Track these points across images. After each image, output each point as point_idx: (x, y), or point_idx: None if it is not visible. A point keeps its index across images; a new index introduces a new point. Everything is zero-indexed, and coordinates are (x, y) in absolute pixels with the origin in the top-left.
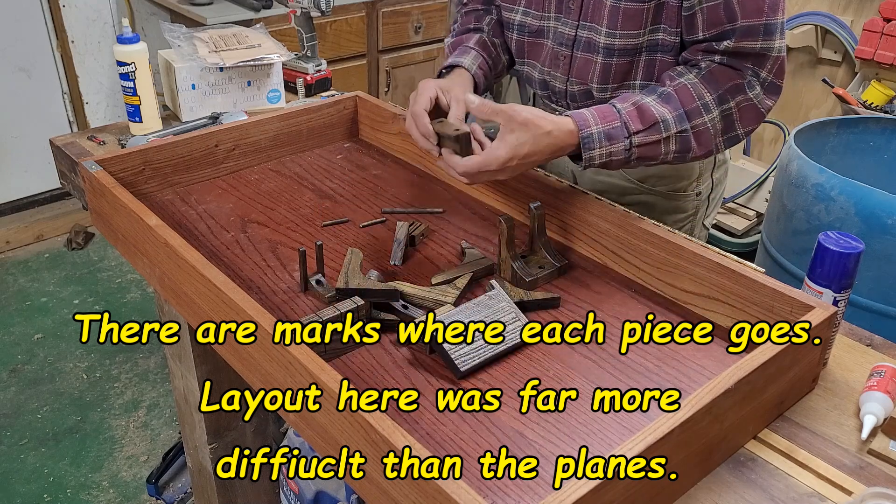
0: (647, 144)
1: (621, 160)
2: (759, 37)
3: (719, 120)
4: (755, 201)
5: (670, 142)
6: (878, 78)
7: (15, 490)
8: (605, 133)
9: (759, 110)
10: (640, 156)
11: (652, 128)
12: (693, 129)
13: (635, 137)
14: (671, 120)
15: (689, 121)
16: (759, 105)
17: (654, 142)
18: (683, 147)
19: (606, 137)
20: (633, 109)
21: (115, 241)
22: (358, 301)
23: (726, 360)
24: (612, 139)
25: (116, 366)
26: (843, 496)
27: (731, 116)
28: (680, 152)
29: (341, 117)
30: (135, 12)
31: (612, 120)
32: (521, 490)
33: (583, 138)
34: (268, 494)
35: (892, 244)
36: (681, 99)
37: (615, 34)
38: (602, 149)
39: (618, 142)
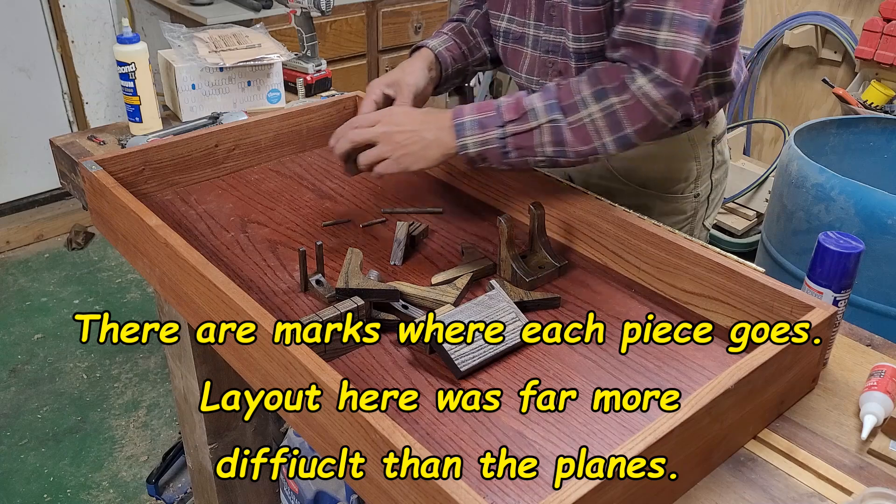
0: (519, 134)
1: (496, 150)
2: (644, 23)
3: (601, 117)
4: (755, 201)
5: (542, 132)
6: (878, 78)
7: (15, 490)
8: (478, 121)
9: (644, 107)
10: (515, 146)
11: (523, 117)
12: (569, 123)
13: (508, 126)
14: (540, 108)
15: (563, 113)
16: (643, 100)
17: (525, 131)
18: (557, 139)
19: (479, 125)
20: (513, 101)
21: (115, 241)
22: (358, 301)
23: (726, 360)
24: (484, 127)
25: (116, 366)
26: (843, 496)
27: (614, 114)
28: (556, 145)
29: (341, 117)
30: (135, 12)
31: (488, 110)
32: (521, 490)
33: (455, 125)
34: (268, 494)
35: (892, 244)
36: (560, 93)
37: (580, 38)
38: (474, 136)
39: (490, 130)
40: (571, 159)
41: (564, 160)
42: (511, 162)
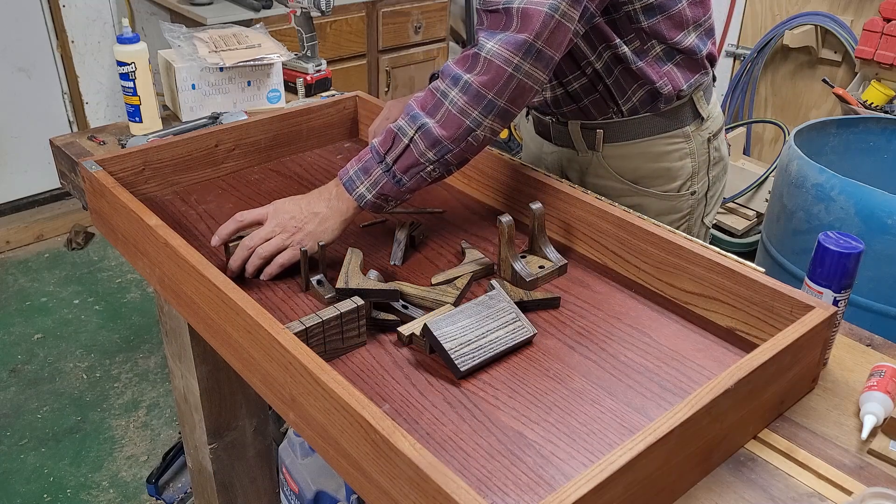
0: (400, 157)
1: (390, 184)
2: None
3: (460, 97)
4: (755, 201)
5: (417, 143)
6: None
7: (15, 490)
8: (361, 168)
9: (497, 66)
10: (402, 169)
11: (395, 140)
12: (437, 120)
13: (388, 157)
14: (405, 124)
15: (429, 116)
16: (495, 60)
17: (402, 151)
18: (431, 140)
19: (363, 171)
20: (383, 134)
21: (115, 241)
22: (358, 301)
23: (726, 360)
24: (368, 171)
25: (116, 366)
26: (843, 496)
27: (471, 87)
28: (433, 146)
29: (341, 117)
30: (135, 12)
31: (365, 155)
32: (521, 490)
33: (344, 183)
34: (268, 494)
35: (892, 244)
36: (422, 101)
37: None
38: (365, 184)
39: (374, 169)
40: (455, 151)
41: (450, 156)
42: (409, 186)
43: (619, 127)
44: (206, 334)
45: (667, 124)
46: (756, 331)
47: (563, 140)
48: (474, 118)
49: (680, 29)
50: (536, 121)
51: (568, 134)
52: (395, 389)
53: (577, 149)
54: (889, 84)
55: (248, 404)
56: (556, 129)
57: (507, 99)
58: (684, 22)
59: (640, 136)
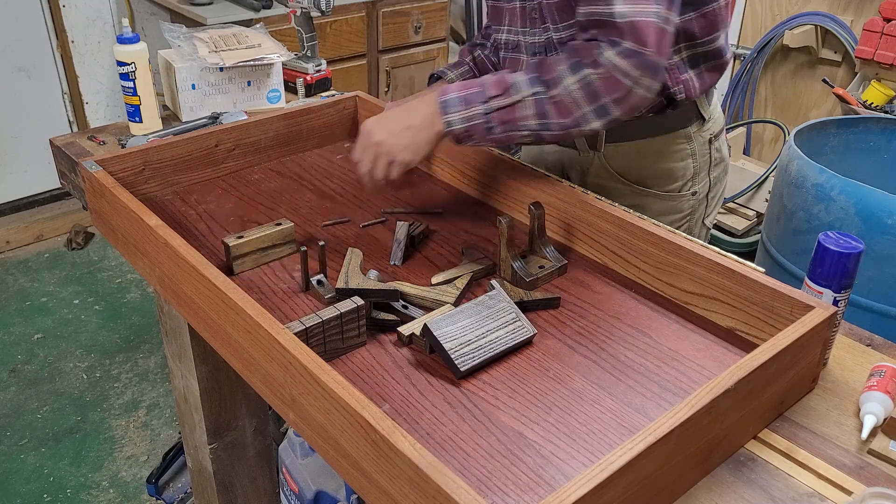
0: (503, 108)
1: (481, 126)
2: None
3: (578, 89)
4: (755, 201)
5: (525, 106)
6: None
7: (15, 490)
8: (462, 98)
9: (616, 78)
10: (500, 121)
11: (507, 91)
12: (551, 97)
13: (492, 102)
14: (523, 82)
15: (545, 87)
16: (614, 72)
17: (509, 105)
18: (540, 111)
19: (464, 101)
20: (497, 78)
21: (115, 241)
22: (358, 301)
23: (726, 360)
24: (469, 103)
25: (116, 366)
26: (843, 496)
27: (591, 85)
28: (539, 118)
29: (341, 117)
30: (135, 12)
31: (473, 87)
32: (521, 490)
33: (440, 104)
34: (268, 494)
35: (892, 244)
36: (541, 67)
37: (560, 28)
38: (459, 113)
39: (474, 105)
40: (555, 132)
41: (548, 133)
42: (496, 137)
43: (621, 127)
44: (206, 334)
45: (669, 125)
46: (756, 331)
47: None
48: (584, 114)
49: (714, 30)
50: None
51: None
52: (395, 389)
53: (578, 148)
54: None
55: (248, 404)
56: None
57: (619, 105)
58: (719, 22)
59: (641, 136)
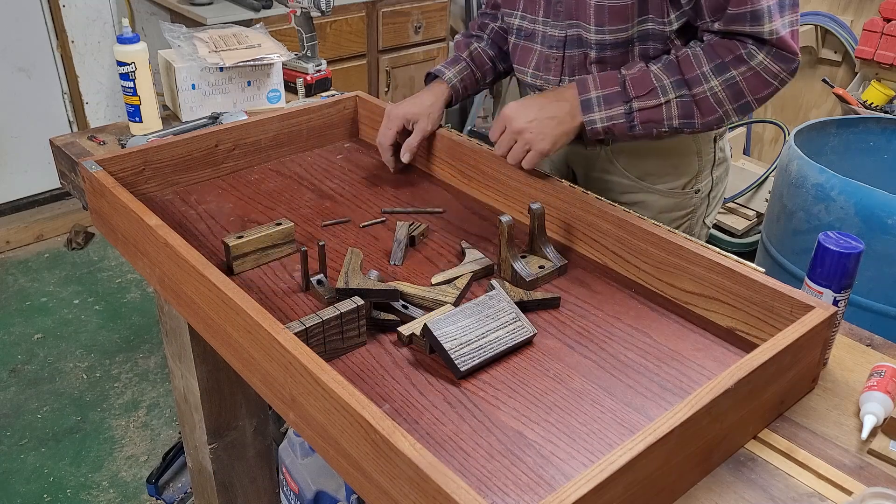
0: (647, 109)
1: (623, 125)
2: (745, 23)
3: (721, 89)
4: (755, 201)
5: (671, 107)
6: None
7: (15, 490)
8: (604, 97)
9: (764, 78)
10: (642, 120)
11: (650, 93)
12: (694, 96)
13: (635, 102)
14: (668, 85)
15: (688, 88)
16: (763, 73)
17: (653, 106)
18: (685, 113)
19: (605, 101)
20: (637, 76)
21: (115, 241)
22: (358, 301)
23: (726, 360)
24: (610, 103)
25: (116, 366)
26: (843, 496)
27: (736, 85)
28: (684, 118)
29: (341, 117)
30: (135, 12)
31: (613, 85)
32: (521, 490)
33: (582, 102)
34: (268, 494)
35: (892, 244)
36: (682, 67)
37: (604, 30)
38: (601, 112)
39: (617, 106)
40: (697, 129)
41: (689, 130)
42: (636, 134)
43: None
44: (206, 334)
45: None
46: (756, 331)
47: None
48: (727, 111)
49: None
50: None
51: None
52: (395, 389)
53: (584, 142)
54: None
55: (248, 404)
56: None
57: (760, 102)
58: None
59: None
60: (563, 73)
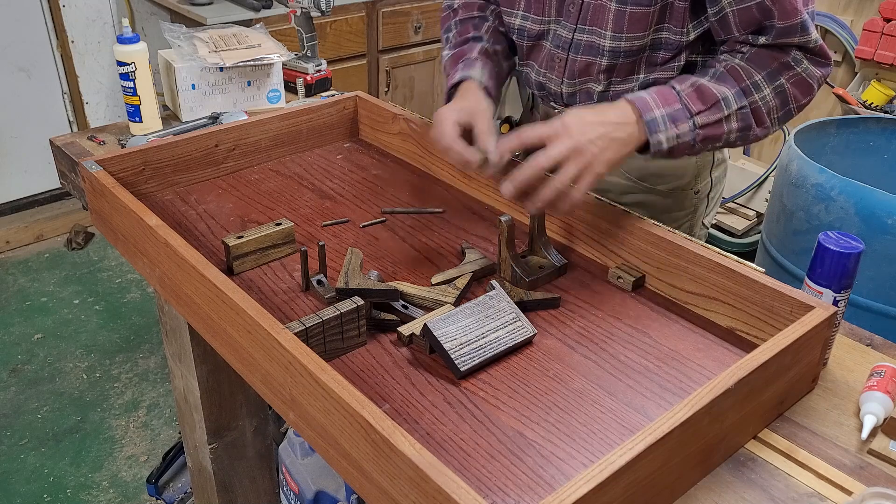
0: (710, 125)
1: (687, 143)
2: (796, 35)
3: (772, 97)
4: (755, 201)
5: (732, 119)
6: (878, 78)
7: (15, 490)
8: (668, 115)
9: (809, 83)
10: (704, 137)
11: (713, 107)
12: (752, 108)
13: (698, 118)
14: (731, 97)
15: (746, 97)
16: (808, 78)
17: (716, 121)
18: (745, 124)
19: (671, 120)
20: (692, 90)
21: (115, 241)
22: (358, 301)
23: (726, 360)
24: (676, 121)
25: (116, 366)
26: (843, 496)
27: (784, 93)
28: (742, 130)
29: (341, 117)
30: (135, 12)
31: (673, 102)
32: (521, 490)
33: (647, 123)
34: (268, 494)
35: (892, 244)
36: (734, 77)
37: (621, 37)
38: (667, 132)
39: (682, 123)
40: (749, 141)
41: (740, 142)
42: (696, 151)
43: None
44: (206, 334)
45: None
46: (756, 331)
47: None
48: (773, 119)
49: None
50: (544, 114)
51: None
52: (395, 389)
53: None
54: (889, 84)
55: (248, 404)
56: None
57: (799, 110)
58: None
59: None
60: (565, 76)
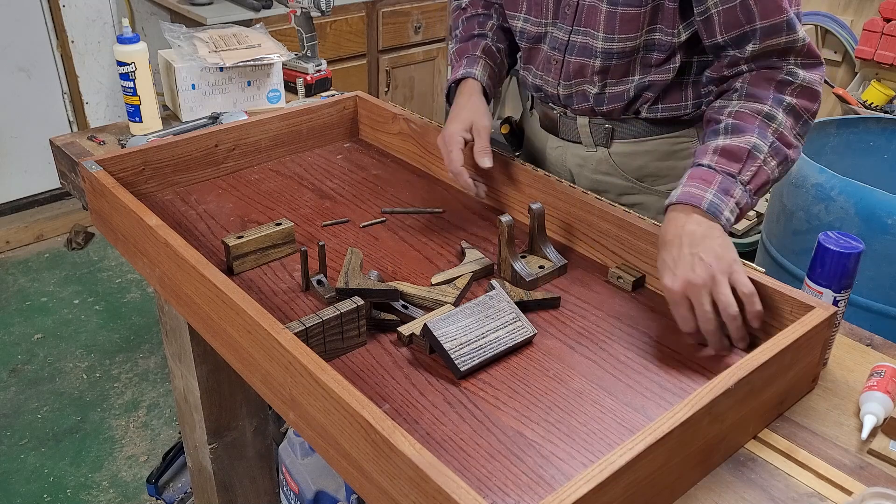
0: (755, 176)
1: (749, 202)
2: (782, 34)
3: (786, 118)
4: None
5: (769, 159)
6: (878, 78)
7: (15, 490)
8: (720, 191)
9: (812, 90)
10: (756, 189)
11: (749, 160)
12: (777, 138)
13: (741, 176)
14: (758, 141)
15: (768, 131)
16: (809, 85)
17: (758, 170)
18: (781, 156)
19: (724, 193)
20: (720, 157)
21: (115, 241)
22: (358, 301)
23: (726, 360)
24: (728, 192)
25: (116, 366)
26: (843, 496)
27: (794, 109)
28: (781, 163)
29: (341, 117)
30: (135, 12)
31: (710, 177)
32: (521, 490)
33: (707, 210)
34: (268, 494)
35: (892, 244)
36: (745, 123)
37: (613, 38)
38: (728, 206)
39: (733, 190)
40: (790, 166)
41: (785, 172)
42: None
43: (629, 125)
44: (206, 334)
45: (677, 125)
46: (756, 331)
47: (570, 135)
48: (797, 135)
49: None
50: (542, 115)
51: (576, 128)
52: (395, 389)
53: (584, 144)
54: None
55: (248, 404)
56: (563, 124)
57: (813, 117)
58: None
59: (649, 134)
60: (561, 77)
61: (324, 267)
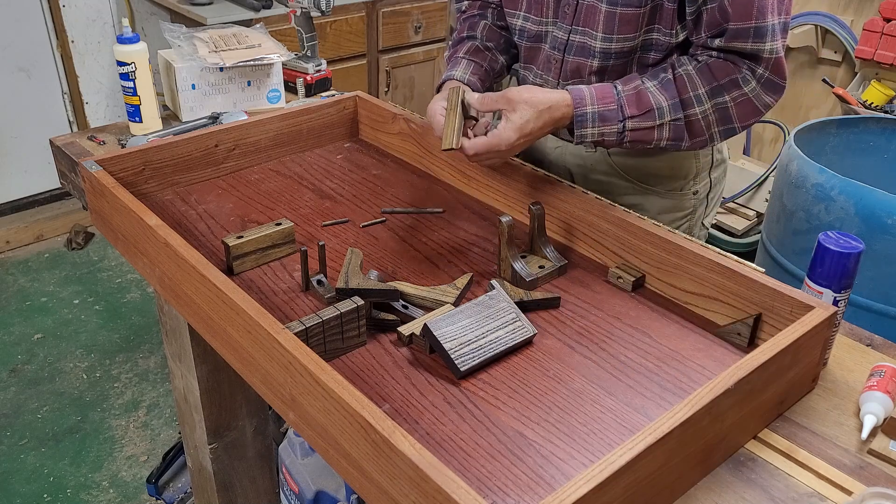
0: (640, 129)
1: (613, 142)
2: (748, 39)
3: (712, 112)
4: (755, 201)
5: (664, 129)
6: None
7: (15, 490)
8: (599, 114)
9: (755, 105)
10: (632, 139)
11: (646, 114)
12: (686, 117)
13: (629, 122)
14: (666, 108)
15: (683, 110)
16: (755, 100)
17: (647, 128)
18: (676, 136)
19: (600, 118)
20: (633, 94)
21: (115, 241)
22: (358, 301)
23: (726, 360)
24: (605, 121)
25: (116, 366)
26: (843, 496)
27: (727, 110)
28: (673, 140)
29: (341, 117)
30: (135, 12)
31: (609, 102)
32: (521, 490)
33: (576, 116)
34: (268, 494)
35: (892, 244)
36: (678, 87)
37: (612, 38)
38: (594, 129)
39: (611, 124)
40: (682, 149)
41: (674, 149)
42: (626, 147)
43: None
44: (206, 334)
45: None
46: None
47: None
48: (712, 133)
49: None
50: None
51: None
52: (395, 389)
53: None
54: (889, 84)
55: (248, 404)
56: None
57: (745, 128)
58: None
59: None
60: (561, 77)
61: (324, 267)
